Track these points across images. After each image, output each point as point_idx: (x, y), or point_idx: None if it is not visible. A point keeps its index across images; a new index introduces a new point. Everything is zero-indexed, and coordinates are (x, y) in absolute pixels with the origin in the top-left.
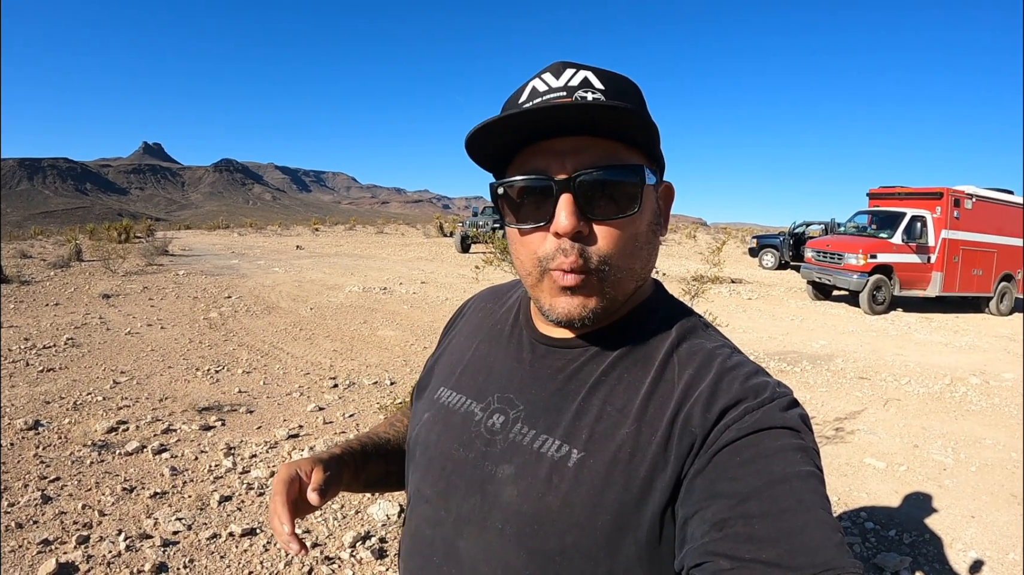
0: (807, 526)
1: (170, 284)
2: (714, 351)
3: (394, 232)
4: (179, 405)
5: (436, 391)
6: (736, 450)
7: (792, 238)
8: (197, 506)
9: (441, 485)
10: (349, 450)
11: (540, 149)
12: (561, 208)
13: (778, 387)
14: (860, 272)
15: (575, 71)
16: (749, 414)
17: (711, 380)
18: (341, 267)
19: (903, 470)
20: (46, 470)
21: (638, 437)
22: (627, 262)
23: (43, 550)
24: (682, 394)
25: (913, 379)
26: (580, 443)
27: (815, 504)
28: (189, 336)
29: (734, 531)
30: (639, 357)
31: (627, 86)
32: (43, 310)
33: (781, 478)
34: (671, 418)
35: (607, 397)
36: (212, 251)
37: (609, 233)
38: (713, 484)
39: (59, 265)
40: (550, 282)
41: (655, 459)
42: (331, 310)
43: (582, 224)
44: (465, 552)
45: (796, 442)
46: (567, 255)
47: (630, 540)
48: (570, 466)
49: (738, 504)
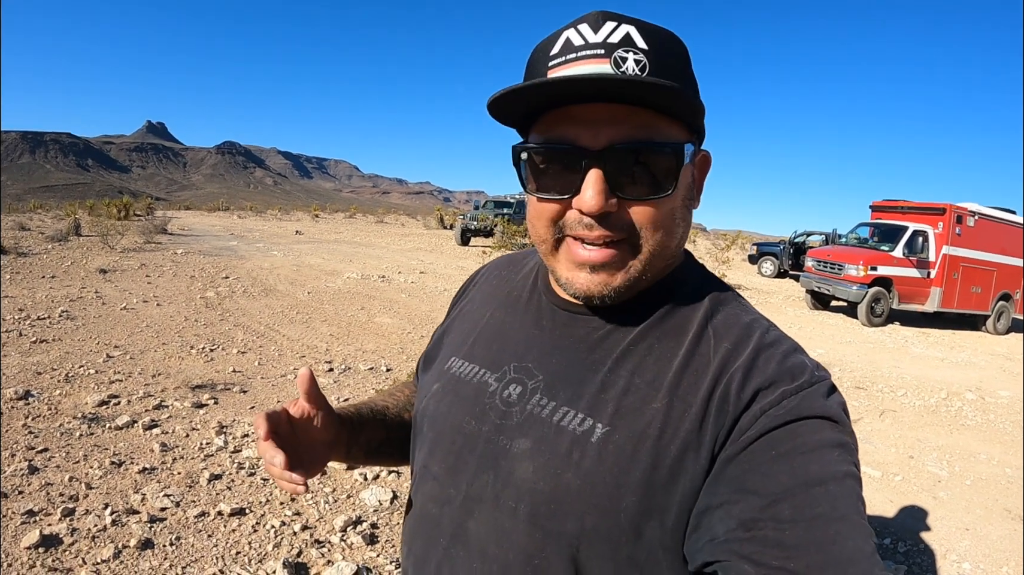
0: (839, 535)
1: (168, 262)
2: (752, 324)
3: (394, 222)
4: (172, 382)
5: (447, 361)
6: (772, 442)
7: (792, 247)
8: (186, 483)
9: (450, 460)
10: (343, 409)
11: (570, 114)
12: (589, 184)
13: (817, 370)
14: (860, 283)
15: (616, 24)
16: (787, 399)
17: (748, 355)
18: (340, 254)
19: (898, 480)
20: (34, 441)
21: (670, 412)
22: (661, 242)
23: (27, 521)
24: (718, 369)
25: (909, 391)
26: (605, 417)
27: (850, 509)
28: (185, 314)
29: (763, 535)
30: (670, 327)
31: (672, 46)
32: (39, 282)
33: (817, 480)
34: (707, 394)
35: (636, 368)
36: (211, 232)
37: (642, 212)
38: (744, 477)
39: (57, 239)
40: (567, 252)
41: (688, 437)
42: (329, 295)
43: (611, 203)
44: (474, 533)
45: (835, 436)
46: (591, 229)
47: (655, 524)
48: (593, 441)
49: (769, 505)
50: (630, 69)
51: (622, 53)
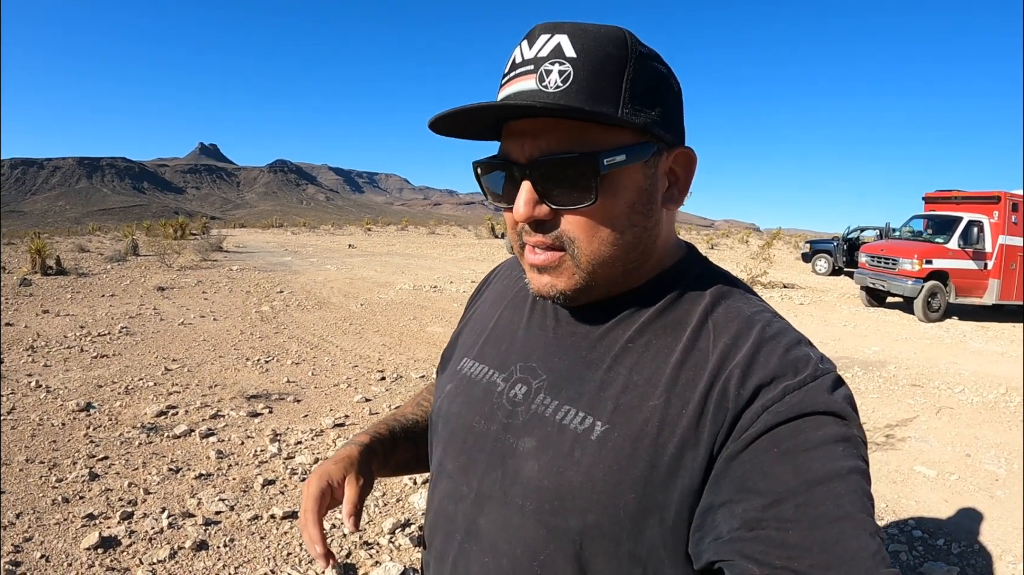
0: (843, 535)
1: (223, 279)
2: (753, 316)
3: (446, 233)
4: (228, 392)
5: (459, 362)
6: (774, 439)
7: (846, 243)
8: (241, 488)
9: (462, 459)
10: (378, 437)
11: (509, 130)
12: (520, 195)
13: (821, 363)
14: (915, 278)
15: (549, 36)
16: (790, 394)
17: (748, 350)
18: (392, 266)
19: (954, 479)
20: (95, 449)
21: (667, 409)
22: (597, 248)
23: (87, 524)
24: (717, 364)
25: (967, 388)
26: (605, 415)
27: (854, 507)
28: (240, 328)
29: (766, 534)
30: (669, 322)
31: (607, 48)
32: (99, 300)
33: (821, 478)
34: (705, 390)
35: (634, 365)
36: (265, 248)
37: (574, 220)
38: (747, 476)
39: (116, 259)
40: (526, 258)
41: (685, 434)
42: (381, 306)
43: (540, 211)
44: (485, 529)
45: (840, 431)
46: (530, 235)
47: (655, 522)
48: (593, 439)
49: (772, 504)
50: (552, 82)
51: (547, 66)
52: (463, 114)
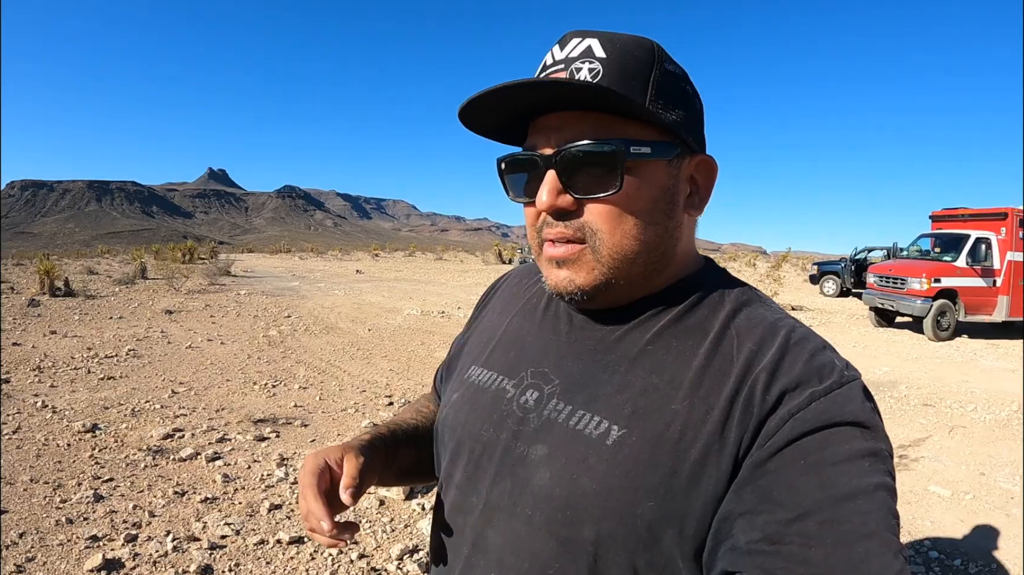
0: (868, 554)
1: (231, 303)
2: (777, 323)
3: (453, 259)
4: (235, 416)
5: (466, 370)
6: (801, 451)
7: (853, 264)
8: (247, 512)
9: (470, 469)
10: (379, 436)
11: (536, 125)
12: (543, 185)
13: (846, 369)
14: (924, 297)
15: (580, 40)
16: (816, 402)
17: (774, 355)
18: (400, 291)
19: (969, 498)
20: (100, 471)
21: (690, 414)
22: (620, 241)
23: (91, 545)
24: (742, 369)
25: (979, 406)
26: (622, 419)
27: (880, 525)
28: (248, 352)
29: (788, 550)
30: (690, 326)
31: (635, 51)
32: (107, 323)
33: (847, 494)
34: (731, 395)
35: (654, 368)
36: (273, 273)
37: (597, 209)
38: (771, 486)
39: (124, 282)
40: (544, 255)
41: (710, 440)
42: (389, 332)
43: (563, 200)
44: (492, 542)
45: (866, 446)
46: (552, 226)
47: (674, 531)
48: (609, 444)
49: (796, 519)
50: (583, 78)
51: (578, 64)
52: (494, 96)
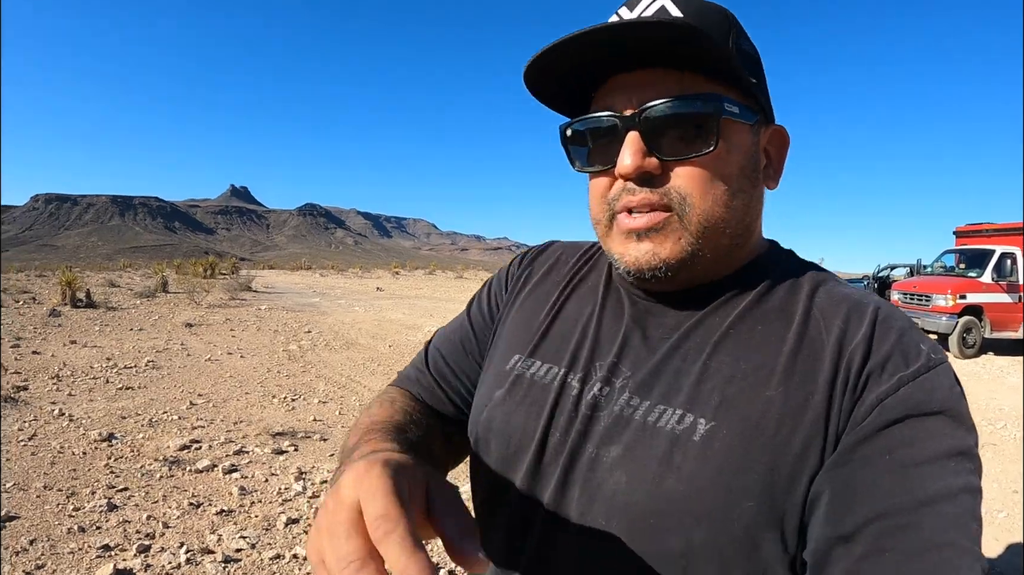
0: (943, 562)
1: (252, 317)
2: (861, 300)
3: (473, 278)
4: (253, 429)
5: (507, 360)
6: (887, 443)
7: (876, 282)
8: (263, 526)
9: (527, 480)
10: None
11: (609, 87)
12: (625, 147)
13: (933, 352)
14: (949, 314)
15: (652, 1)
16: (904, 387)
17: (865, 333)
18: (421, 309)
19: (1003, 517)
20: (115, 480)
21: (787, 400)
22: (711, 207)
23: (102, 555)
24: (835, 351)
25: (1009, 423)
26: (708, 410)
27: (959, 533)
28: (268, 366)
29: (863, 551)
30: (771, 309)
31: (711, 13)
32: (127, 334)
33: (930, 498)
34: (829, 379)
35: (739, 353)
36: (294, 289)
37: (686, 172)
38: (853, 478)
39: (146, 295)
40: (617, 227)
41: (812, 428)
42: (410, 348)
43: (649, 163)
44: (555, 563)
45: (953, 443)
46: (633, 193)
47: (775, 533)
48: (696, 439)
49: (875, 519)
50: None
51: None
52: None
